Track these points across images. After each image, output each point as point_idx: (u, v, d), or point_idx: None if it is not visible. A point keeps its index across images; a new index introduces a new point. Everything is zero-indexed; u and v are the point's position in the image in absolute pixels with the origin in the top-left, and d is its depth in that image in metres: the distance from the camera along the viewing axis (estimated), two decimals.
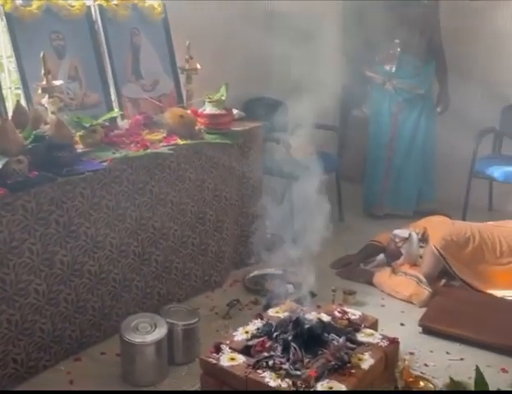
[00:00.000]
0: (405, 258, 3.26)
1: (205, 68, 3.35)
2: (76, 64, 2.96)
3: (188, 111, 3.17)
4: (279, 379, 2.12)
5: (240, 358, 2.25)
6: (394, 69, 4.05)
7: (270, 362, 2.20)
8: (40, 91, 2.65)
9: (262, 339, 2.34)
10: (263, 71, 4.25)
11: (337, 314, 2.57)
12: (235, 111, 3.31)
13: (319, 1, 4.39)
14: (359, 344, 2.35)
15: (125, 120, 3.09)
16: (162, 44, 3.36)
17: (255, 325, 2.47)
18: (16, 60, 2.71)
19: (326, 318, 2.49)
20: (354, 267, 3.42)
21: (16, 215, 2.27)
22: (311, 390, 2.07)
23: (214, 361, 2.25)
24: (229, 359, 2.25)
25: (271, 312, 2.60)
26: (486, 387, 2.15)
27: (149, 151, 2.78)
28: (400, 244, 3.28)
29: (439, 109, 4.17)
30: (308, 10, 4.36)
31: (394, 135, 4.15)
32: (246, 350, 2.31)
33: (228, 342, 2.35)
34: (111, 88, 3.09)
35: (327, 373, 2.15)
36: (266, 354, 2.25)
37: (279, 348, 2.27)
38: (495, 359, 2.54)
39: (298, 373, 2.14)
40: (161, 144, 2.87)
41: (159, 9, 3.32)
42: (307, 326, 2.35)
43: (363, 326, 2.49)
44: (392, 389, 2.31)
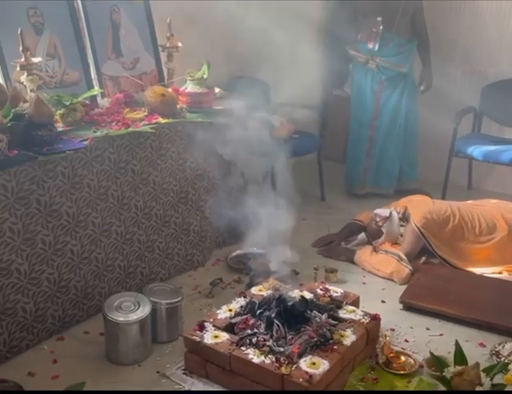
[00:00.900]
0: (386, 236, 3.30)
1: (187, 46, 3.32)
2: (55, 41, 2.91)
3: (169, 89, 3.14)
4: (262, 356, 2.15)
5: (224, 335, 2.28)
6: (377, 47, 4.04)
7: (253, 339, 2.23)
8: (18, 68, 2.60)
9: (245, 317, 2.37)
10: (246, 50, 4.22)
11: (319, 292, 2.61)
12: (217, 89, 3.29)
13: None
14: (341, 320, 2.39)
15: (105, 98, 3.05)
16: (143, 22, 3.31)
17: (238, 303, 2.50)
18: None
19: (308, 296, 2.52)
20: (336, 245, 3.44)
21: None
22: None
23: (198, 339, 2.27)
24: (213, 336, 2.27)
25: (254, 290, 2.63)
26: (465, 361, 2.20)
27: (131, 130, 2.75)
28: (381, 223, 3.31)
29: (422, 88, 4.17)
30: None
31: (376, 114, 4.16)
32: (230, 328, 2.34)
33: (212, 320, 2.37)
34: (91, 66, 3.04)
35: (310, 350, 2.19)
36: (249, 331, 2.28)
37: (262, 325, 2.30)
38: (473, 334, 2.59)
39: (281, 350, 2.17)
40: (142, 123, 2.84)
41: None
42: (290, 303, 2.37)
43: (345, 303, 2.53)
44: (373, 364, 2.34)
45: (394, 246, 3.26)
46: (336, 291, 2.62)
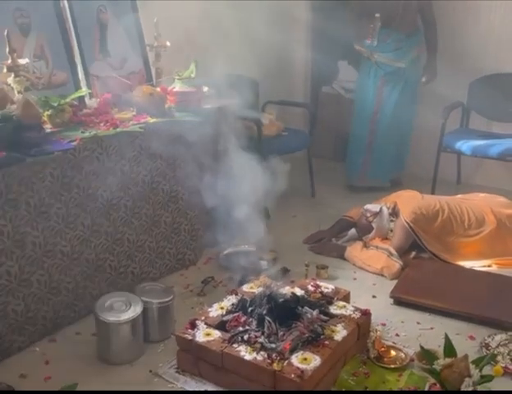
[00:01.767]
0: (376, 232, 3.32)
1: (174, 45, 3.31)
2: (42, 42, 2.90)
3: (157, 89, 3.14)
4: (254, 352, 2.16)
5: (216, 333, 2.28)
6: (375, 43, 4.09)
7: (245, 336, 2.24)
8: (5, 70, 2.60)
9: (237, 314, 2.38)
10: (235, 48, 4.22)
11: (310, 288, 2.62)
12: (206, 88, 3.30)
13: None
14: (332, 316, 2.40)
15: (93, 99, 3.05)
16: (130, 22, 3.31)
17: (230, 301, 2.51)
18: None
19: (299, 292, 2.53)
20: (327, 242, 3.46)
21: None
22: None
23: (190, 337, 2.27)
24: (204, 334, 2.28)
25: (245, 288, 2.64)
26: (454, 354, 2.22)
27: (119, 130, 2.75)
28: (371, 218, 3.33)
29: (424, 79, 4.21)
30: None
31: (377, 109, 4.22)
32: (221, 326, 2.34)
33: (203, 318, 2.38)
34: (78, 66, 3.04)
35: (302, 345, 2.20)
36: (241, 328, 2.29)
37: (254, 322, 2.31)
38: (463, 327, 2.61)
39: (273, 346, 2.18)
40: (131, 123, 2.85)
41: None
42: (281, 300, 2.38)
43: (336, 299, 2.54)
44: (365, 359, 2.36)
45: (384, 242, 3.28)
46: (327, 287, 2.64)
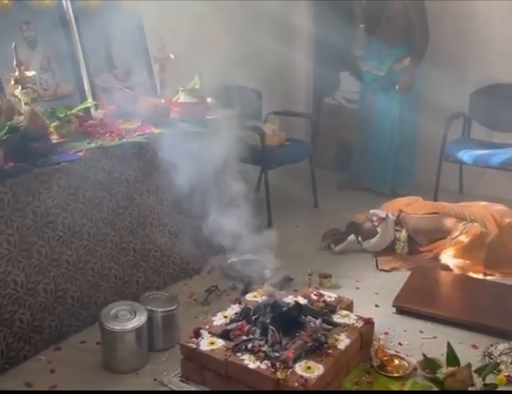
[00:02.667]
0: (380, 237, 3.34)
1: (179, 57, 3.35)
2: (48, 55, 2.95)
3: (162, 100, 3.17)
4: (258, 361, 2.17)
5: (220, 342, 2.30)
6: (362, 53, 4.19)
7: (249, 345, 2.25)
8: (13, 82, 2.64)
9: (240, 323, 2.39)
10: (238, 60, 4.27)
11: (314, 297, 2.63)
12: (210, 99, 3.33)
13: None
14: (335, 325, 2.41)
15: (99, 110, 3.08)
16: (135, 34, 3.36)
17: (233, 310, 2.52)
18: None
19: (302, 301, 2.55)
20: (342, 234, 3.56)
21: None
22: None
23: (194, 346, 2.29)
24: (209, 343, 2.29)
25: (249, 297, 2.65)
26: (457, 363, 2.23)
27: (124, 140, 2.78)
28: (377, 223, 3.35)
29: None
30: None
31: (369, 116, 4.35)
32: (225, 335, 2.36)
33: (207, 327, 2.40)
34: (84, 78, 3.08)
35: (305, 354, 2.21)
36: (245, 337, 2.30)
37: (257, 331, 2.32)
38: (465, 336, 2.62)
39: (276, 355, 2.19)
40: (136, 134, 2.88)
41: None
42: (284, 309, 2.40)
43: (339, 307, 2.55)
44: (368, 368, 2.37)
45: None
46: (330, 296, 2.65)
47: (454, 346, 2.32)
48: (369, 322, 2.47)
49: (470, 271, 3.10)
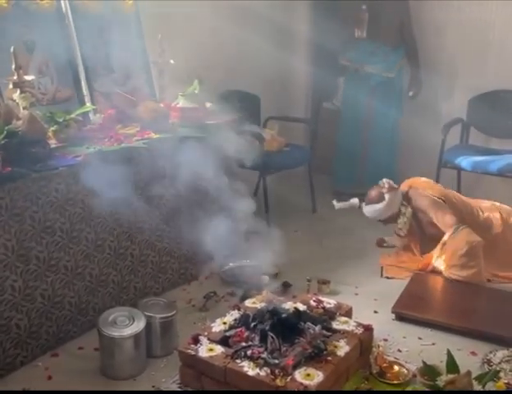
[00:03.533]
0: (386, 204, 3.33)
1: (178, 62, 3.35)
2: (47, 59, 2.94)
3: (161, 105, 3.17)
4: (257, 368, 2.16)
5: (219, 348, 2.29)
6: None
7: (248, 352, 2.24)
8: (11, 86, 2.63)
9: (239, 329, 2.38)
10: (237, 65, 4.27)
11: (313, 303, 2.62)
12: (209, 104, 3.33)
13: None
14: (335, 332, 2.41)
15: (97, 114, 3.08)
16: (134, 38, 3.35)
17: (232, 316, 2.51)
18: None
19: (301, 308, 2.54)
20: None
21: None
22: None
23: (193, 352, 2.28)
24: (207, 350, 2.28)
25: (247, 303, 2.64)
26: (457, 370, 2.23)
27: (123, 145, 2.77)
28: (386, 190, 3.34)
29: (411, 93, 4.37)
30: (277, 2, 4.41)
31: (369, 118, 4.35)
32: (224, 341, 2.35)
33: (206, 334, 2.39)
34: (82, 82, 3.07)
35: (304, 361, 2.20)
36: (244, 344, 2.29)
37: (256, 338, 2.31)
38: (464, 342, 2.61)
39: (276, 362, 2.18)
40: (135, 139, 2.87)
41: (130, 3, 3.31)
42: (283, 315, 2.39)
43: (338, 314, 2.55)
44: (367, 374, 2.36)
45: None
46: (329, 303, 2.64)
47: (453, 353, 2.32)
48: (368, 328, 2.46)
49: (471, 281, 3.08)
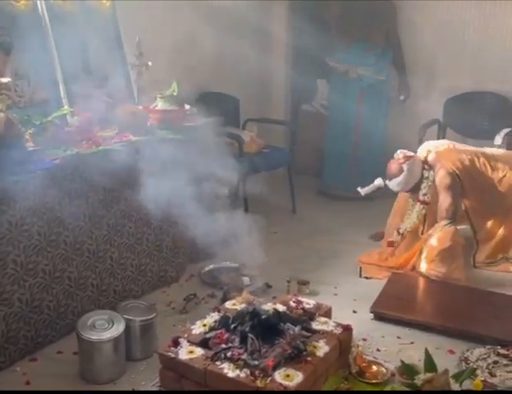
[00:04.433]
0: (406, 174, 3.28)
1: (156, 64, 3.34)
2: (24, 61, 2.90)
3: (139, 107, 3.16)
4: (237, 370, 2.16)
5: (199, 351, 2.28)
6: (357, 59, 4.31)
7: (228, 353, 2.24)
8: None
9: (219, 331, 2.38)
10: (215, 67, 4.27)
11: (292, 304, 2.63)
12: (187, 106, 3.32)
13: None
14: (314, 332, 2.42)
15: (75, 117, 3.05)
16: (112, 40, 3.33)
17: (212, 318, 2.51)
18: None
19: (281, 309, 2.55)
20: None
21: None
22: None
23: (173, 355, 2.27)
24: (187, 352, 2.28)
25: (228, 304, 2.64)
26: (434, 368, 2.25)
27: (101, 148, 2.76)
28: (403, 160, 3.29)
29: (402, 97, 4.45)
30: (255, 4, 4.43)
31: (359, 120, 4.37)
32: (204, 343, 2.34)
33: (186, 336, 2.38)
34: (60, 85, 3.04)
35: (284, 362, 2.20)
36: (224, 345, 2.29)
37: (237, 339, 2.31)
38: (442, 341, 2.65)
39: (256, 363, 2.18)
40: (113, 141, 2.86)
41: (108, 4, 3.29)
42: (263, 316, 2.39)
43: (318, 314, 2.56)
44: (346, 374, 2.38)
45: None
46: (309, 303, 2.65)
47: (431, 352, 2.34)
48: (347, 328, 2.48)
49: (450, 278, 3.12)
